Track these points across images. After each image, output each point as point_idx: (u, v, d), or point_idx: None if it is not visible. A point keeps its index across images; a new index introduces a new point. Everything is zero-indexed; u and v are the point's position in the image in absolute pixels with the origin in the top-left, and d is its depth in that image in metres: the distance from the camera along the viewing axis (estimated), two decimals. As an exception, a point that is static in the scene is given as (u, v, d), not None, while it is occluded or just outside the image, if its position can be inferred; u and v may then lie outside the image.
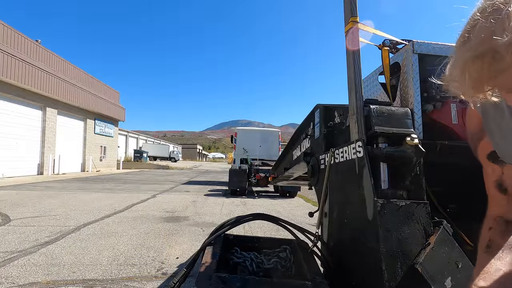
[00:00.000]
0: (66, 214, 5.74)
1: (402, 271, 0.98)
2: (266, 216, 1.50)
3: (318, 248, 1.41)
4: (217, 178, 17.49)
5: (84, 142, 19.01)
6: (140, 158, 30.86)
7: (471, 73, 0.47)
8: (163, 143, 55.04)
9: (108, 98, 21.51)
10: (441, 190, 1.45)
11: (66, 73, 16.65)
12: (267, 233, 4.71)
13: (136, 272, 3.06)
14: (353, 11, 1.37)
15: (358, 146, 1.18)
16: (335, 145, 1.49)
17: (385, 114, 1.27)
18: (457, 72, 0.51)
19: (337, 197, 1.38)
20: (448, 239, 1.00)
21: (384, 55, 1.65)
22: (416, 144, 1.09)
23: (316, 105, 1.76)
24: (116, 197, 8.17)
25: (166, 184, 12.71)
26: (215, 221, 5.60)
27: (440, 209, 1.43)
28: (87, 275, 2.94)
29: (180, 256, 3.61)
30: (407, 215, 1.05)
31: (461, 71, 0.49)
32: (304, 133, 2.03)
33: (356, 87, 1.33)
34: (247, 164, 10.59)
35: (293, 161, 2.39)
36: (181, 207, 7.06)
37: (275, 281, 1.08)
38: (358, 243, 1.16)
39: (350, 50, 1.36)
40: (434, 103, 1.55)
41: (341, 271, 1.26)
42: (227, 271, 1.22)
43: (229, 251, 1.41)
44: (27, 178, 13.02)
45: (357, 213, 1.17)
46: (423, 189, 1.14)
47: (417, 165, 1.14)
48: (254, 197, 9.71)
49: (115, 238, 4.27)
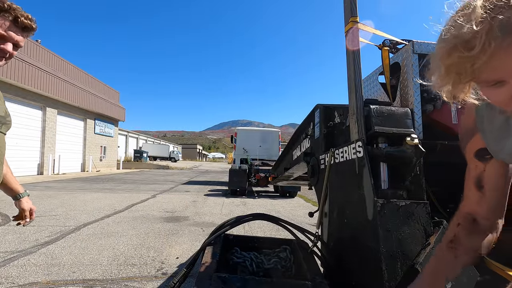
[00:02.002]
0: (66, 214, 5.74)
1: (402, 271, 0.98)
2: (266, 216, 1.50)
3: (318, 248, 1.41)
4: (217, 178, 17.49)
5: (84, 142, 19.01)
6: (140, 158, 30.85)
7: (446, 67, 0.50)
8: (163, 143, 55.04)
9: (108, 98, 21.50)
10: (441, 190, 1.45)
11: (66, 73, 16.64)
12: (267, 233, 4.71)
13: (136, 272, 3.06)
14: (353, 11, 1.37)
15: (358, 146, 1.18)
16: (335, 145, 1.49)
17: (385, 114, 1.27)
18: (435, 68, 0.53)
19: (337, 197, 1.38)
20: (448, 239, 1.00)
21: (384, 55, 1.65)
22: (416, 144, 1.09)
23: (316, 105, 1.76)
24: (116, 197, 8.17)
25: (166, 184, 12.71)
26: (215, 221, 5.60)
27: (440, 209, 1.43)
28: (87, 275, 2.94)
29: (180, 256, 3.61)
30: (407, 215, 1.05)
31: (438, 66, 0.51)
32: (304, 133, 2.03)
33: (356, 87, 1.33)
34: (247, 164, 10.58)
35: (293, 161, 2.39)
36: (181, 207, 7.06)
37: (275, 281, 1.08)
38: (358, 243, 1.16)
39: (350, 50, 1.36)
40: (434, 103, 1.55)
41: (341, 271, 1.26)
42: (227, 271, 1.22)
43: (229, 251, 1.41)
44: (27, 178, 13.01)
45: (357, 213, 1.17)
46: (423, 189, 1.14)
47: (417, 165, 1.14)
48: (254, 197, 9.71)
49: (115, 238, 4.27)
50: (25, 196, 1.39)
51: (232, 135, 13.20)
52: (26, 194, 1.39)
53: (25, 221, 1.39)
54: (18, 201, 1.37)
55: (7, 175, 1.35)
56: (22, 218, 1.38)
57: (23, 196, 1.38)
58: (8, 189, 1.36)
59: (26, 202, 1.38)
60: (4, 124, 1.19)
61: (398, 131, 1.23)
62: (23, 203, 1.37)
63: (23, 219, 1.38)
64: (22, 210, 1.37)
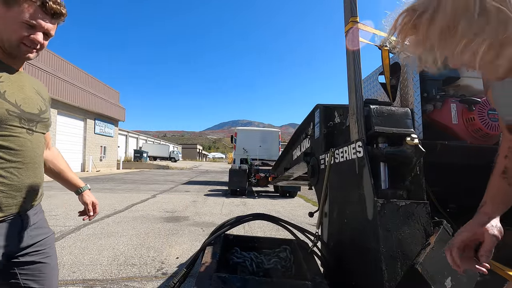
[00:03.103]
0: (66, 214, 5.74)
1: (402, 271, 0.98)
2: (266, 216, 1.50)
3: (318, 248, 1.41)
4: (217, 178, 17.49)
5: (84, 142, 19.01)
6: (140, 158, 30.85)
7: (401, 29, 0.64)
8: (163, 143, 55.03)
9: (108, 98, 21.50)
10: (441, 190, 1.45)
11: (66, 73, 16.64)
12: (267, 233, 4.72)
13: (136, 272, 3.06)
14: (353, 11, 1.37)
15: (358, 146, 1.18)
16: (335, 145, 1.49)
17: (385, 114, 1.27)
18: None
19: (337, 197, 1.38)
20: (448, 239, 1.00)
21: (384, 55, 1.65)
22: (416, 144, 1.09)
23: (316, 105, 1.76)
24: (116, 197, 8.17)
25: (166, 184, 12.71)
26: (215, 221, 5.60)
27: (440, 209, 1.43)
28: (87, 275, 2.94)
29: (180, 256, 3.61)
30: (407, 215, 1.05)
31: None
32: (304, 133, 2.03)
33: (356, 87, 1.33)
34: (247, 164, 10.58)
35: (293, 161, 2.39)
36: (181, 207, 7.06)
37: (275, 281, 1.08)
38: (358, 243, 1.16)
39: (350, 50, 1.36)
40: (434, 103, 1.55)
41: (341, 271, 1.26)
42: (227, 271, 1.22)
43: (229, 251, 1.41)
44: (27, 178, 13.01)
45: (357, 213, 1.17)
46: (423, 189, 1.14)
47: (417, 165, 1.14)
48: (254, 197, 9.71)
49: (115, 238, 4.27)
50: (86, 190, 1.39)
51: (232, 135, 13.20)
52: (86, 188, 1.39)
53: (89, 215, 1.38)
54: (80, 195, 1.37)
55: (66, 171, 1.35)
56: (86, 213, 1.38)
57: (83, 190, 1.38)
58: (69, 184, 1.37)
59: (87, 196, 1.37)
60: (39, 122, 1.10)
61: (398, 131, 1.23)
62: (84, 197, 1.37)
63: (87, 213, 1.38)
64: (85, 204, 1.37)
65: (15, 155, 1.00)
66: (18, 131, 1.01)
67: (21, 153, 1.02)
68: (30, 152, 1.05)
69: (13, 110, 0.98)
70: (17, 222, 1.05)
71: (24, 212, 1.07)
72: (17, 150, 1.00)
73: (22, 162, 1.02)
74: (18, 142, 1.01)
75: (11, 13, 0.96)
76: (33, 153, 1.06)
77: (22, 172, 1.02)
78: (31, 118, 1.05)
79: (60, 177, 1.34)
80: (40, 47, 1.04)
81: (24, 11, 0.96)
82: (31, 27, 0.99)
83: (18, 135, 1.01)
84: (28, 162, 1.04)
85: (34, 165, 1.07)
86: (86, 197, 1.37)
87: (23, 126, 1.02)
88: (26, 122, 1.03)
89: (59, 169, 1.33)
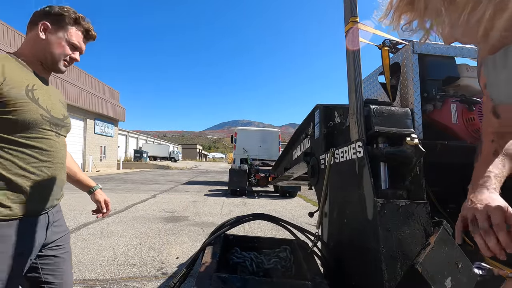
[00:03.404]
0: (66, 214, 5.72)
1: (402, 271, 0.98)
2: (266, 216, 1.49)
3: (318, 248, 1.41)
4: (217, 178, 17.49)
5: (84, 142, 19.01)
6: (140, 158, 30.84)
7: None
8: (163, 143, 55.03)
9: (108, 98, 21.51)
10: (441, 190, 1.45)
11: (66, 73, 16.64)
12: (267, 233, 4.72)
13: (136, 272, 3.06)
14: (353, 11, 1.37)
15: (358, 146, 1.18)
16: (335, 145, 1.49)
17: (385, 114, 1.27)
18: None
19: (337, 197, 1.38)
20: (448, 239, 1.00)
21: (384, 55, 1.65)
22: (416, 144, 1.09)
23: (316, 105, 1.76)
24: (116, 197, 8.16)
25: (166, 184, 12.71)
26: (215, 221, 5.60)
27: (440, 209, 1.43)
28: (87, 275, 2.94)
29: (180, 256, 3.61)
30: (407, 215, 1.05)
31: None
32: (304, 133, 2.03)
33: (356, 87, 1.33)
34: (247, 164, 10.58)
35: (293, 161, 2.39)
36: (181, 207, 7.06)
37: (275, 281, 1.08)
38: (358, 243, 1.16)
39: (350, 50, 1.36)
40: (434, 103, 1.55)
41: (341, 271, 1.26)
42: (227, 271, 1.22)
43: (229, 251, 1.41)
44: (27, 178, 13.01)
45: (357, 213, 1.17)
46: (423, 189, 1.14)
47: (417, 165, 1.14)
48: (254, 197, 9.71)
49: (115, 238, 4.27)
50: (97, 189, 1.46)
51: (232, 135, 13.20)
52: (98, 187, 1.47)
53: (103, 213, 1.47)
54: (92, 194, 1.45)
55: (78, 172, 1.43)
56: (99, 211, 1.46)
57: (95, 189, 1.45)
58: (81, 184, 1.44)
59: (100, 195, 1.45)
60: (63, 127, 1.21)
61: (398, 131, 1.23)
62: (97, 196, 1.45)
63: (101, 212, 1.46)
64: (98, 202, 1.45)
65: (46, 155, 1.10)
66: (49, 134, 1.11)
67: (51, 153, 1.12)
68: (58, 153, 1.15)
69: (45, 115, 1.09)
70: (46, 218, 1.14)
71: (52, 208, 1.17)
72: (48, 151, 1.10)
73: (52, 162, 1.12)
74: (49, 144, 1.11)
75: (60, 34, 1.12)
76: (60, 154, 1.17)
77: (51, 171, 1.11)
78: (57, 122, 1.16)
79: (74, 178, 1.41)
80: (72, 62, 1.19)
81: (73, 34, 1.14)
82: (74, 47, 1.16)
83: (49, 138, 1.11)
84: (56, 162, 1.14)
85: (61, 165, 1.18)
86: (99, 196, 1.45)
87: (52, 129, 1.13)
88: (54, 126, 1.14)
89: (73, 171, 1.40)
